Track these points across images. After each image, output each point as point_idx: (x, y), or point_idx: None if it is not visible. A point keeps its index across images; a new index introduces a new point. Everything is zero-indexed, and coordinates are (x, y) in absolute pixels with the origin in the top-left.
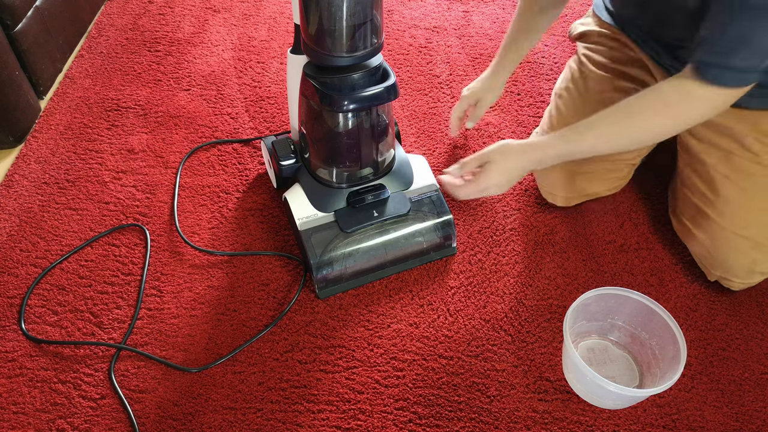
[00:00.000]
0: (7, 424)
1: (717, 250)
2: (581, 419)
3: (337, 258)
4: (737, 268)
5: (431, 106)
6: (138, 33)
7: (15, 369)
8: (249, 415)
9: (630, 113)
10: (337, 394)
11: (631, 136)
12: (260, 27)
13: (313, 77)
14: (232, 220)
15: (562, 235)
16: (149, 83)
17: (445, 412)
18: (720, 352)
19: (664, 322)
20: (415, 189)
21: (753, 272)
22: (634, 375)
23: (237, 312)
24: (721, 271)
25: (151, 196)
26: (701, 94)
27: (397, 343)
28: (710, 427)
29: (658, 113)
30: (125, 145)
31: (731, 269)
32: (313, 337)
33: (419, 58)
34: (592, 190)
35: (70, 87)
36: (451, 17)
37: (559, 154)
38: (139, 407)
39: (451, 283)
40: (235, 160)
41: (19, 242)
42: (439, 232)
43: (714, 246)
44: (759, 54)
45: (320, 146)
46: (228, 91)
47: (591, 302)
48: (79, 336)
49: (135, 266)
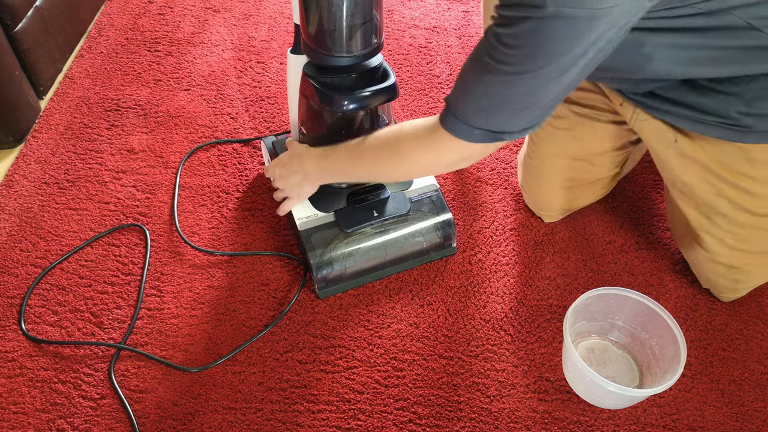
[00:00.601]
0: (7, 424)
1: (699, 269)
2: (581, 419)
3: (337, 258)
4: (720, 288)
5: (431, 106)
6: (138, 33)
7: (15, 369)
8: (249, 415)
9: (373, 147)
10: (337, 394)
11: (380, 173)
12: (260, 27)
13: (313, 77)
14: (232, 220)
15: (562, 235)
16: (149, 83)
17: (445, 412)
18: (720, 352)
19: (664, 322)
20: (415, 189)
21: (736, 290)
22: (634, 375)
23: (237, 312)
24: (708, 286)
25: (151, 196)
26: (437, 139)
27: (397, 343)
28: (710, 427)
29: (399, 153)
30: (125, 145)
31: (715, 288)
32: (313, 337)
33: (419, 58)
34: (579, 204)
35: (70, 87)
36: (451, 17)
37: (320, 169)
38: (139, 407)
39: (451, 283)
40: (235, 160)
41: (19, 242)
42: (439, 232)
43: (696, 265)
44: (481, 113)
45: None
46: (228, 91)
47: (591, 302)
48: (79, 336)
49: (135, 266)
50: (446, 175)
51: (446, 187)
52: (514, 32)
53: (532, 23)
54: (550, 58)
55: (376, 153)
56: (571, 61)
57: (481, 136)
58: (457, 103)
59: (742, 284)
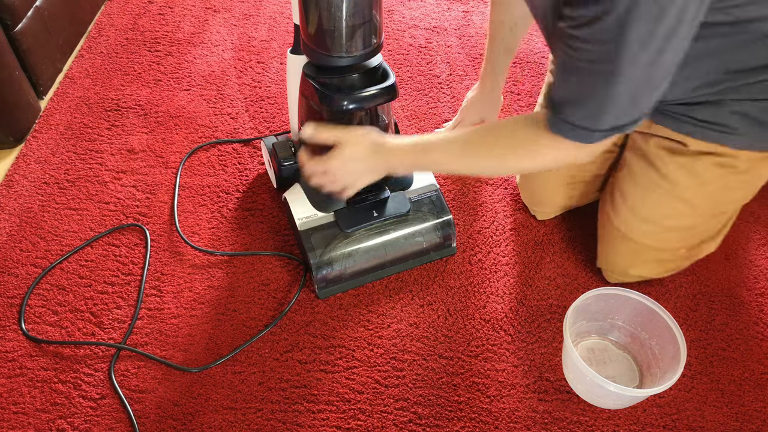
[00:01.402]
0: (7, 424)
1: (601, 242)
2: (581, 419)
3: (337, 258)
4: (616, 265)
5: (431, 106)
6: (138, 33)
7: (15, 369)
8: (249, 415)
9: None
10: (337, 394)
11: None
12: (260, 27)
13: (313, 77)
14: (232, 220)
15: (562, 235)
16: (149, 83)
17: (445, 412)
18: (720, 352)
19: (664, 322)
20: (415, 189)
21: (626, 273)
22: (634, 375)
23: (237, 312)
24: (603, 263)
25: (151, 196)
26: (547, 143)
27: (397, 343)
28: (710, 427)
29: (510, 153)
30: (125, 145)
31: (610, 264)
32: (313, 337)
33: (419, 58)
34: (573, 203)
35: (70, 87)
36: (451, 17)
37: (415, 163)
38: (139, 407)
39: (451, 283)
40: (235, 160)
41: (19, 242)
42: (439, 232)
43: (600, 238)
44: (594, 116)
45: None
46: (228, 91)
47: (591, 302)
48: (79, 336)
49: (135, 266)
50: (446, 175)
51: (446, 187)
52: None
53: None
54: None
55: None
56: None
57: (601, 136)
58: (566, 113)
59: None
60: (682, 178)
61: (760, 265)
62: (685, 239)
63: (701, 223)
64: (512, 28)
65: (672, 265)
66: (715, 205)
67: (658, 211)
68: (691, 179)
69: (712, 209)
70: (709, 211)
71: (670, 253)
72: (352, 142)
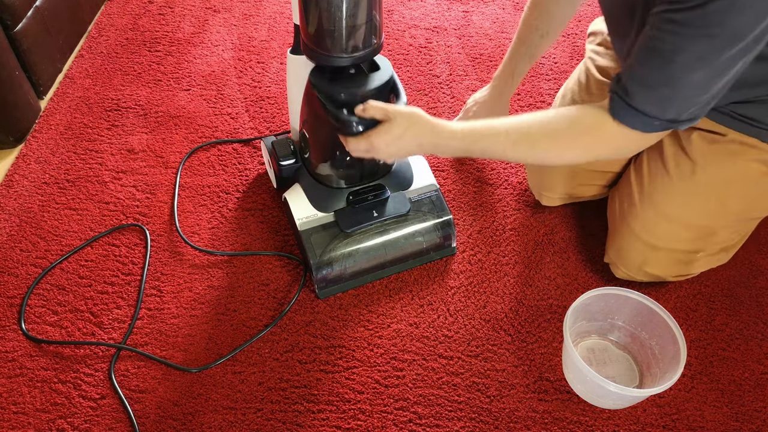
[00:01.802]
0: (7, 424)
1: (614, 237)
2: (581, 419)
3: (337, 258)
4: (629, 261)
5: (431, 106)
6: (138, 33)
7: (15, 369)
8: (249, 415)
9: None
10: (337, 394)
11: (541, 157)
12: (260, 27)
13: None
14: (232, 220)
15: (562, 235)
16: (149, 83)
17: (445, 412)
18: (720, 352)
19: (664, 322)
20: (415, 189)
21: (639, 270)
22: (634, 375)
23: (237, 312)
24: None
25: (151, 196)
26: (612, 131)
27: (397, 343)
28: (710, 427)
29: (568, 142)
30: (125, 145)
31: (623, 259)
32: (313, 337)
33: (419, 58)
34: (580, 193)
35: (70, 87)
36: (451, 17)
37: (463, 149)
38: (139, 407)
39: (451, 283)
40: (235, 160)
41: (19, 242)
42: (439, 232)
43: (614, 232)
44: (661, 103)
45: (322, 147)
46: (228, 91)
47: (591, 302)
48: (79, 336)
49: (135, 266)
50: (446, 175)
51: (446, 187)
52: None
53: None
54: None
55: (549, 143)
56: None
57: (660, 126)
58: (636, 96)
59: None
60: (717, 171)
61: (760, 265)
62: (706, 243)
63: (726, 226)
64: (543, 35)
65: (685, 269)
66: (748, 206)
67: (686, 209)
68: (727, 171)
69: (744, 212)
70: (739, 215)
71: (686, 255)
72: (400, 121)
